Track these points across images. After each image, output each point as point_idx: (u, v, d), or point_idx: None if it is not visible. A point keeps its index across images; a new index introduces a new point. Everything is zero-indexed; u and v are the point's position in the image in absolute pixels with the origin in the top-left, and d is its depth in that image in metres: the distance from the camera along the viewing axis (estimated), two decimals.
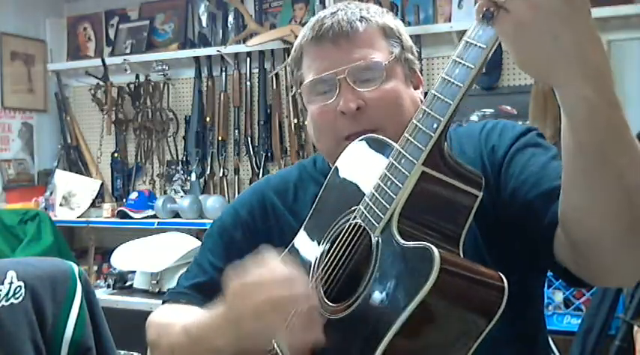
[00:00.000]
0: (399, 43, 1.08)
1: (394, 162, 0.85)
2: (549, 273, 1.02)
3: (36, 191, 3.71)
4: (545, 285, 1.93)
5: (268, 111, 3.32)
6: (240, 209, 1.18)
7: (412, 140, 0.83)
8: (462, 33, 3.09)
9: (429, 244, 0.76)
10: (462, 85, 0.79)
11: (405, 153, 0.84)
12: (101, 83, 3.63)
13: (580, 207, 0.80)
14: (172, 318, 1.06)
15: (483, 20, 0.75)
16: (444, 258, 0.74)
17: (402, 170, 0.83)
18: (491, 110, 2.77)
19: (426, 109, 0.83)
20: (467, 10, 2.92)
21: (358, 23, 1.04)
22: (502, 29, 0.74)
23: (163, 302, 1.18)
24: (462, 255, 0.82)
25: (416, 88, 1.10)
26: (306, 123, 3.12)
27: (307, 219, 1.04)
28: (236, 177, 3.44)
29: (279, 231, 1.13)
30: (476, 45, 0.79)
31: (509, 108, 2.81)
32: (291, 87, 3.21)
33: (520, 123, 2.69)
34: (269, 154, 3.30)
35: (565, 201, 0.82)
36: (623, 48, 2.65)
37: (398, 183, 0.83)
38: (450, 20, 2.94)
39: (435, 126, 0.81)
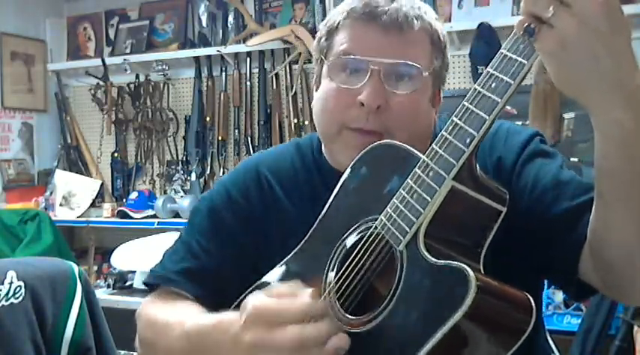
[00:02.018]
0: (442, 57, 1.03)
1: (421, 173, 0.82)
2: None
3: (36, 191, 3.71)
4: (546, 286, 1.93)
5: (268, 111, 3.32)
6: (232, 190, 1.11)
7: (442, 153, 0.80)
8: (462, 33, 3.08)
9: (462, 265, 0.74)
10: (499, 101, 0.75)
11: (433, 166, 0.81)
12: (101, 83, 3.63)
13: (614, 226, 0.78)
14: (168, 316, 1.00)
15: (524, 35, 0.72)
16: (479, 280, 0.72)
17: (431, 183, 0.80)
18: None
19: (458, 122, 0.79)
20: (467, 10, 2.92)
21: (415, 20, 0.98)
22: (543, 46, 0.70)
23: (149, 286, 1.11)
24: (482, 270, 0.81)
25: (434, 105, 1.06)
26: (306, 123, 3.14)
27: (317, 223, 0.99)
28: None
29: (276, 220, 1.07)
30: (516, 60, 0.75)
31: (509, 108, 2.81)
32: (291, 86, 3.21)
33: (520, 123, 2.70)
34: None
35: (597, 220, 0.80)
36: None
37: (426, 196, 0.80)
38: (450, 20, 2.94)
39: (468, 140, 0.78)
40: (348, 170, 0.98)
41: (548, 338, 1.16)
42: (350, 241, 0.91)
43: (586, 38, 0.67)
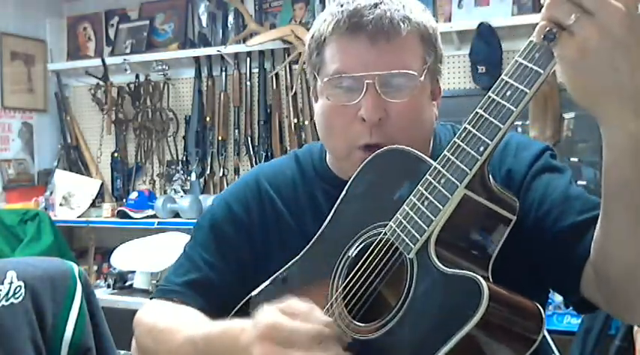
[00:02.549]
0: (434, 51, 1.02)
1: (433, 180, 0.82)
2: None
3: (36, 191, 3.71)
4: None
5: (268, 111, 3.32)
6: (233, 204, 1.11)
7: (455, 160, 0.80)
8: (462, 33, 3.07)
9: (475, 275, 0.74)
10: (515, 109, 0.75)
11: (445, 173, 0.80)
12: (101, 83, 3.63)
13: (616, 240, 0.78)
14: (170, 323, 1.00)
15: (544, 42, 0.71)
16: (491, 290, 0.73)
17: (443, 191, 0.80)
18: None
19: (472, 130, 0.79)
20: (467, 10, 2.92)
21: (401, 24, 0.96)
22: (563, 53, 0.70)
23: (151, 299, 1.11)
24: (490, 278, 0.81)
25: (434, 98, 1.05)
26: (306, 123, 3.14)
27: (322, 229, 0.99)
28: (236, 177, 3.44)
29: (277, 233, 1.08)
30: (532, 69, 0.75)
31: None
32: (291, 86, 3.21)
33: (520, 123, 2.69)
34: (269, 154, 3.30)
35: (600, 234, 0.80)
36: None
37: (437, 203, 0.80)
38: (449, 20, 2.94)
39: (481, 149, 0.78)
40: (355, 174, 0.97)
41: (548, 337, 1.16)
42: (358, 247, 0.91)
43: (606, 48, 0.67)
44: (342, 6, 0.99)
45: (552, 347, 1.15)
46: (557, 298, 2.53)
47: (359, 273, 0.88)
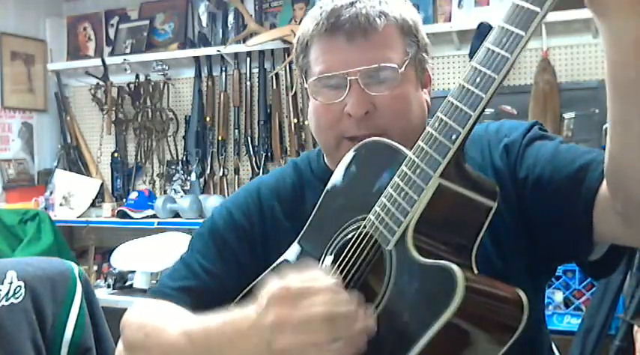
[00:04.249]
0: (416, 42, 1.04)
1: (408, 171, 0.82)
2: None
3: (36, 191, 3.71)
4: (545, 287, 1.94)
5: (268, 111, 3.32)
6: (234, 211, 1.11)
7: (428, 150, 0.80)
8: (462, 33, 3.07)
9: (450, 264, 0.74)
10: (484, 96, 0.75)
11: (420, 164, 0.80)
12: (101, 83, 3.63)
13: (633, 145, 0.75)
14: (163, 318, 0.98)
15: None
16: (467, 279, 0.72)
17: (418, 181, 0.80)
18: (492, 110, 2.77)
19: (444, 118, 0.79)
20: (467, 10, 2.92)
21: (377, 20, 0.98)
22: None
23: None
24: (474, 267, 0.81)
25: (424, 86, 1.07)
26: (306, 123, 3.15)
27: (307, 225, 0.99)
28: (236, 177, 3.44)
29: (275, 239, 1.07)
30: (499, 54, 0.75)
31: (509, 108, 2.81)
32: (291, 86, 3.22)
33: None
34: (269, 154, 3.30)
35: (621, 149, 0.77)
36: None
37: (413, 194, 0.80)
38: (449, 20, 2.94)
39: (454, 137, 0.78)
40: (339, 168, 0.98)
41: (551, 341, 1.15)
42: (340, 240, 0.92)
43: None
44: (321, 8, 1.02)
45: (553, 347, 1.15)
46: (557, 298, 2.53)
47: (341, 267, 0.89)
